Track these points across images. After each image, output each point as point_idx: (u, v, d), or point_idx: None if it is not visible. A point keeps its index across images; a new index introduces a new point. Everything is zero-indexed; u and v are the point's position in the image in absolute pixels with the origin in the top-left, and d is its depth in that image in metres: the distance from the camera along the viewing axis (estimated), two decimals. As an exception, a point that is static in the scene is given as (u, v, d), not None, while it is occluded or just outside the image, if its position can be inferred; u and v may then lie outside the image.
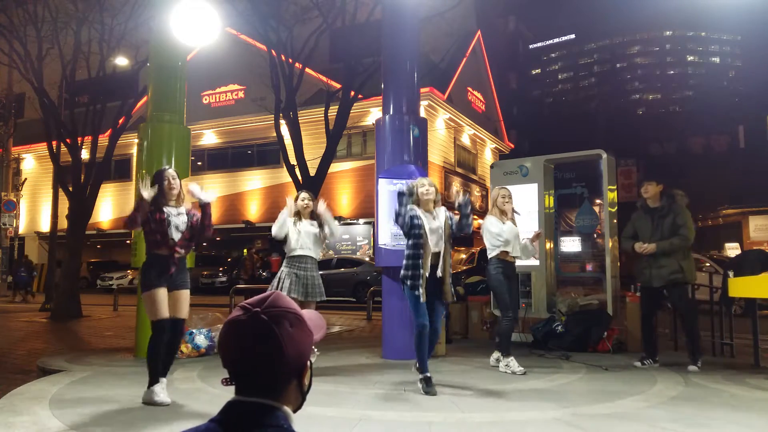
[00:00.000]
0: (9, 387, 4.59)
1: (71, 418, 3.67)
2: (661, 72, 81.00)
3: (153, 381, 4.04)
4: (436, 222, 4.60)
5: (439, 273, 4.52)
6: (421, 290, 4.42)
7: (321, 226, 5.27)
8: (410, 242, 4.56)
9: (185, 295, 4.28)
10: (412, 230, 4.52)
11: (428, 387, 4.32)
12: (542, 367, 5.44)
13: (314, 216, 5.31)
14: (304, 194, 5.38)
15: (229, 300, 13.22)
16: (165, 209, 4.21)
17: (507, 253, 5.26)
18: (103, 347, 7.34)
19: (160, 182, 4.27)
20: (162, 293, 4.11)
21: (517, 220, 5.50)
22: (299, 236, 5.15)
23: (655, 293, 5.51)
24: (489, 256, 5.37)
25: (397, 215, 4.58)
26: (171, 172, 4.34)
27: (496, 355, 5.40)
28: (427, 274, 4.47)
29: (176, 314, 4.21)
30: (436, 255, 4.56)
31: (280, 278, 5.14)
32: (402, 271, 4.58)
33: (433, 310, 4.56)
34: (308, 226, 5.21)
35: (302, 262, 5.15)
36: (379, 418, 3.69)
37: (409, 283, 4.49)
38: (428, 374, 4.38)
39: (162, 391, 4.02)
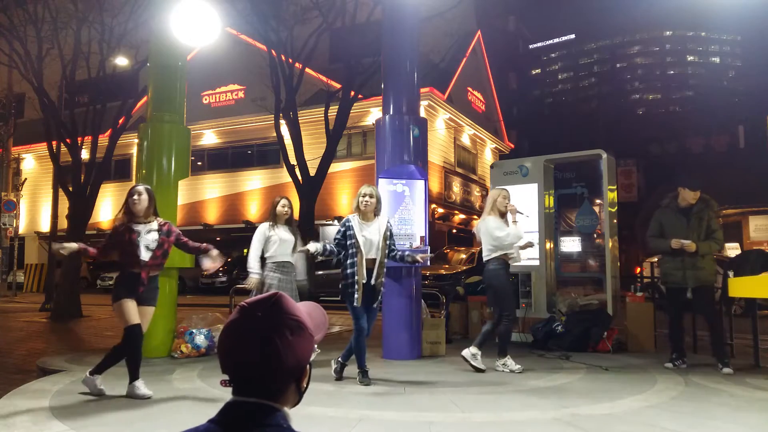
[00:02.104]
0: (9, 387, 4.59)
1: (71, 418, 3.67)
2: (661, 72, 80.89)
3: (133, 378, 4.23)
4: (372, 231, 4.76)
5: (372, 281, 4.71)
6: (356, 295, 4.64)
7: (296, 234, 5.34)
8: (347, 252, 4.73)
9: (149, 311, 4.35)
10: (348, 241, 4.72)
11: (365, 378, 4.67)
12: (542, 367, 5.44)
13: (290, 222, 5.36)
14: (284, 200, 5.39)
15: (229, 300, 13.23)
16: (135, 227, 4.27)
17: (507, 254, 5.28)
18: (103, 347, 7.32)
19: (126, 199, 4.33)
20: (130, 303, 4.21)
21: (521, 220, 5.49)
22: (279, 244, 5.23)
23: (683, 294, 5.46)
24: (489, 257, 5.31)
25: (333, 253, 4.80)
26: (138, 188, 4.36)
27: (473, 350, 5.24)
28: (363, 281, 4.67)
29: None
30: (372, 261, 4.73)
31: (264, 283, 5.24)
32: (342, 281, 4.75)
33: (367, 315, 4.79)
34: (285, 233, 5.25)
35: (285, 267, 5.28)
36: (379, 418, 3.69)
37: (349, 290, 4.68)
38: (367, 368, 4.75)
39: (143, 385, 4.24)
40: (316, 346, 1.13)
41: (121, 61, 13.80)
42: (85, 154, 11.84)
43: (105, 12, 11.40)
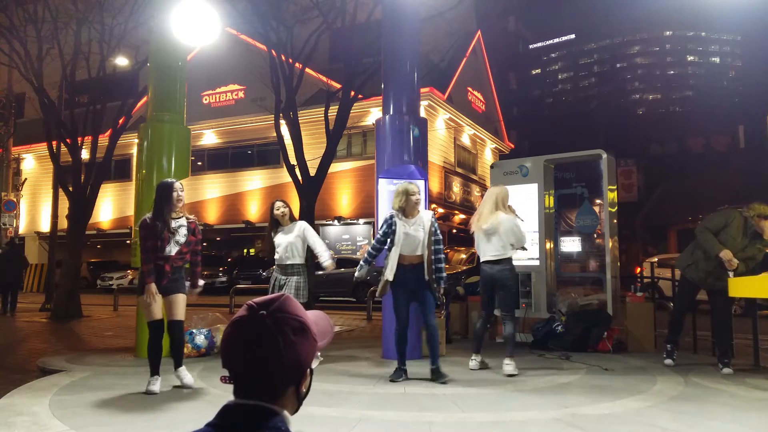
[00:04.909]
0: (9, 387, 4.59)
1: (71, 418, 3.67)
2: (661, 72, 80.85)
3: (152, 373, 4.40)
4: (413, 227, 4.78)
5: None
6: None
7: (300, 231, 5.41)
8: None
9: (178, 298, 4.47)
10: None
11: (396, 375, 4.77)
12: (542, 367, 5.44)
13: (293, 219, 5.45)
14: (279, 203, 5.48)
15: (229, 300, 13.23)
16: (170, 223, 4.39)
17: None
18: (103, 347, 7.34)
19: (169, 194, 4.41)
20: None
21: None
22: (277, 247, 5.38)
23: (694, 291, 5.51)
24: (507, 256, 5.10)
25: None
26: (179, 184, 4.51)
27: (508, 362, 5.13)
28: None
29: (172, 317, 4.47)
30: (418, 257, 4.75)
31: (270, 282, 5.51)
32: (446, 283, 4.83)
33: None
34: (282, 237, 5.35)
35: (283, 270, 5.38)
36: (379, 418, 3.69)
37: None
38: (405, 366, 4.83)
39: (156, 383, 4.35)
40: (318, 353, 1.13)
41: (121, 61, 13.80)
42: (85, 154, 11.83)
43: (105, 12, 11.39)
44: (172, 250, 4.36)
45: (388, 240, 4.84)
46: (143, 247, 4.38)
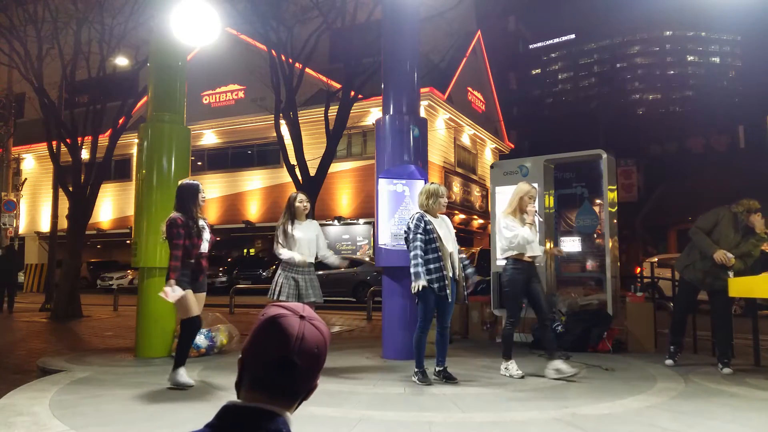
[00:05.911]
0: (9, 387, 4.59)
1: (71, 418, 3.67)
2: (661, 72, 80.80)
3: (179, 364, 4.51)
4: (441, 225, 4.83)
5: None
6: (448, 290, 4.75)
7: (318, 232, 5.31)
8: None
9: (203, 297, 4.78)
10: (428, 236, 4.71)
11: (424, 378, 4.63)
12: (542, 367, 5.42)
13: (310, 215, 5.36)
14: (302, 196, 5.32)
15: (228, 300, 13.23)
16: (199, 223, 4.66)
17: (522, 254, 5.01)
18: (103, 347, 7.34)
19: (195, 195, 4.67)
20: (192, 295, 4.58)
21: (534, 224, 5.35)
22: (293, 243, 5.06)
23: (694, 292, 5.54)
24: (503, 256, 5.14)
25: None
26: (201, 186, 4.80)
27: (504, 365, 5.10)
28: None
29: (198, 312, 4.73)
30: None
31: (277, 282, 5.07)
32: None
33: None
34: (302, 232, 5.12)
35: (300, 267, 5.07)
36: (379, 418, 3.69)
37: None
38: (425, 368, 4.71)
39: (186, 374, 4.52)
40: None
41: (121, 61, 13.80)
42: (85, 154, 11.84)
43: (105, 12, 11.39)
44: (205, 247, 4.70)
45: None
46: (177, 244, 4.49)
